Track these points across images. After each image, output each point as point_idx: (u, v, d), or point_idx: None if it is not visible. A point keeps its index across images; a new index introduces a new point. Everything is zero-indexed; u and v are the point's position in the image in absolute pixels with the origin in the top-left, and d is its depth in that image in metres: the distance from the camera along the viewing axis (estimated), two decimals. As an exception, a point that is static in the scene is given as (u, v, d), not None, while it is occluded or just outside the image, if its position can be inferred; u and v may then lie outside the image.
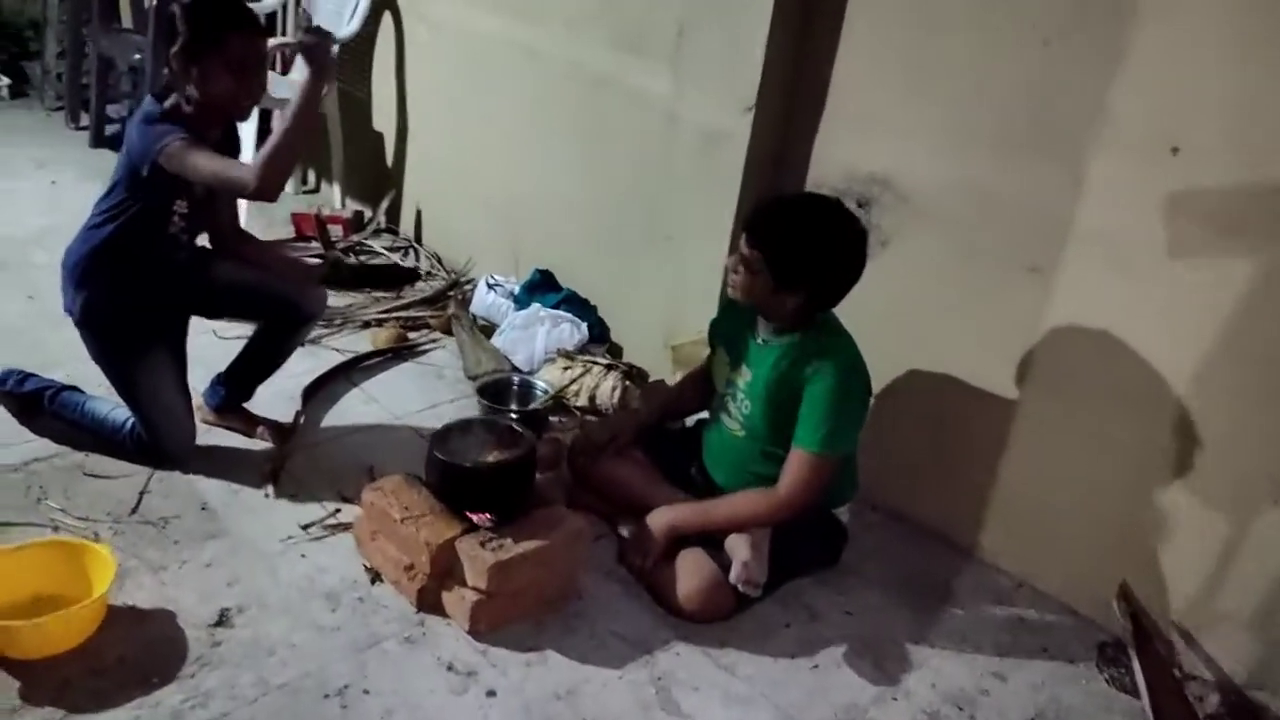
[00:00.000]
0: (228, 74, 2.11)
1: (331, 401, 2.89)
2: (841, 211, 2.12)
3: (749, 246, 2.11)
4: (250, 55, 2.14)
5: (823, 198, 2.17)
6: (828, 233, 2.08)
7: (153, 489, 2.39)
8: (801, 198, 2.20)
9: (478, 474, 2.10)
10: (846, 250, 2.09)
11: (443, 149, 3.88)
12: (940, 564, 2.52)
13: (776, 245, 2.07)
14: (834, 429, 2.12)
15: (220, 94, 2.13)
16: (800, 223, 2.08)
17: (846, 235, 2.09)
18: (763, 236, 2.08)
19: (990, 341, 2.43)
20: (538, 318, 3.17)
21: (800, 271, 2.08)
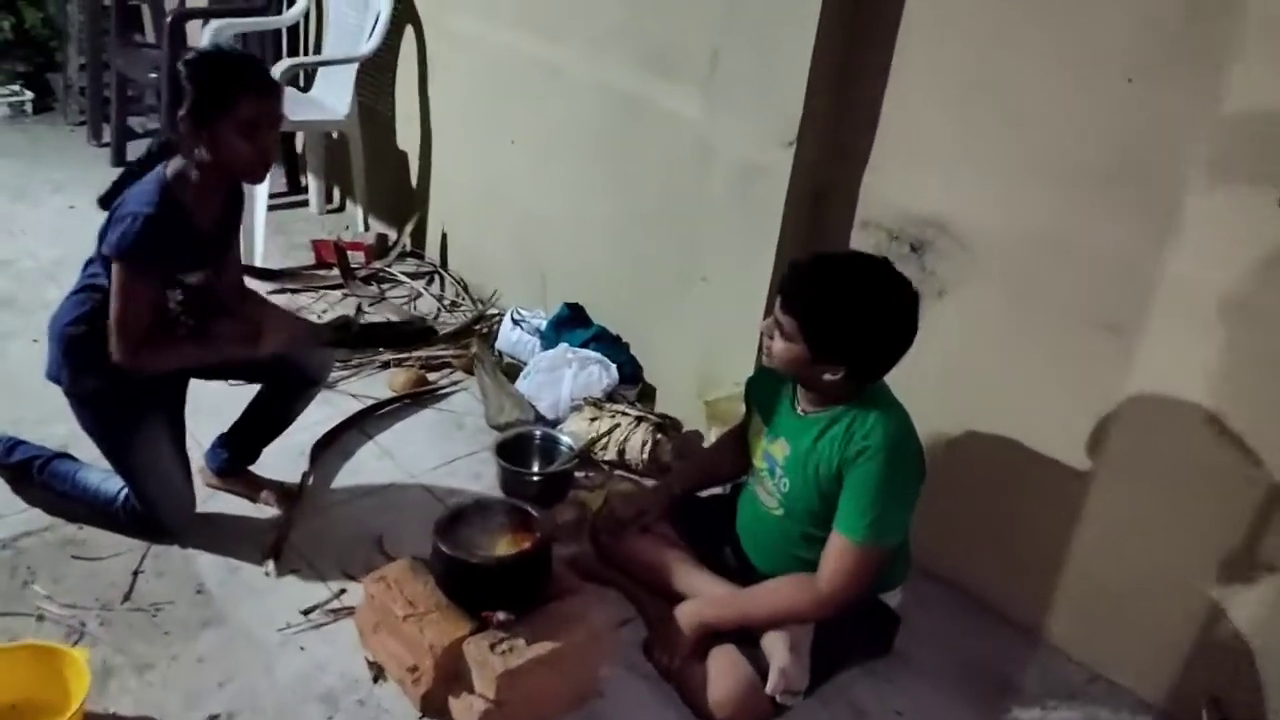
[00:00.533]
0: (240, 138, 1.94)
1: (343, 457, 2.71)
2: (889, 275, 1.87)
3: (784, 312, 1.87)
4: (264, 118, 1.96)
5: (868, 258, 1.92)
6: (873, 301, 1.83)
7: (146, 568, 2.23)
8: (844, 258, 1.95)
9: (486, 571, 1.90)
10: (894, 322, 1.85)
11: (468, 170, 3.68)
12: (1002, 650, 2.27)
13: (814, 314, 1.83)
14: (881, 516, 1.88)
15: (232, 159, 1.97)
16: (842, 289, 1.83)
17: (894, 304, 1.84)
18: (799, 303, 1.85)
19: (1059, 405, 2.18)
20: (564, 359, 2.96)
21: (840, 345, 1.85)
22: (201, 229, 2.07)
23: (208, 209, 2.07)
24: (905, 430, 1.93)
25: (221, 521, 2.40)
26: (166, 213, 1.95)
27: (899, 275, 1.87)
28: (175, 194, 1.98)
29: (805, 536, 2.03)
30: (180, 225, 2.00)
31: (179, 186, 1.99)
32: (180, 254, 2.03)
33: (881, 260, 1.90)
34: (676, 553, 2.18)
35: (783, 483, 2.04)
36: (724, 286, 2.66)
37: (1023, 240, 2.16)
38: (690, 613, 2.03)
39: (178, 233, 1.99)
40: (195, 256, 2.08)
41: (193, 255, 2.07)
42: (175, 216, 1.98)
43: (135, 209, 1.93)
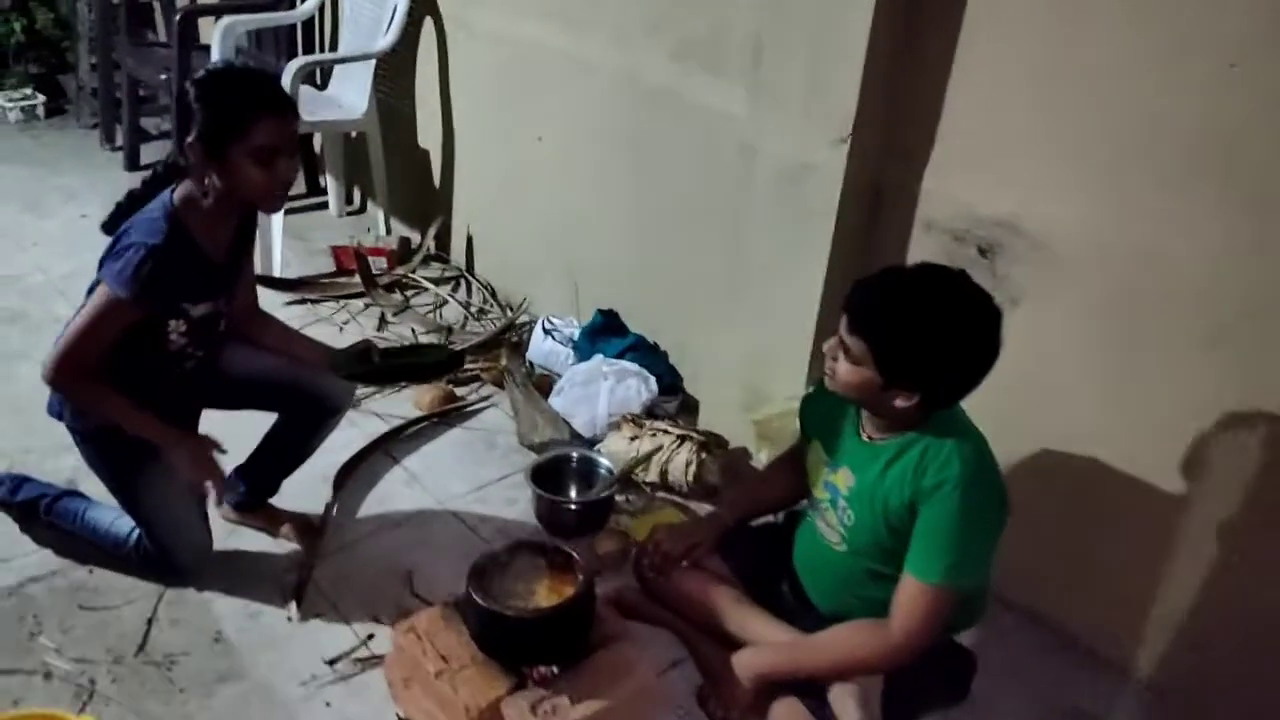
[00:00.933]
0: (256, 166, 1.77)
1: (369, 484, 2.55)
2: (969, 291, 1.67)
3: (850, 333, 1.68)
4: (282, 143, 1.79)
5: (944, 270, 1.72)
6: (951, 321, 1.63)
7: (161, 615, 2.08)
8: (917, 272, 1.75)
9: (525, 624, 1.73)
10: (975, 343, 1.65)
11: (493, 169, 3.50)
12: (1089, 691, 2.08)
13: (886, 337, 1.64)
14: (960, 557, 1.69)
15: (248, 188, 1.80)
16: (917, 309, 1.63)
17: (975, 324, 1.64)
18: (868, 325, 1.65)
19: (1149, 425, 1.98)
20: (600, 372, 2.78)
21: (916, 370, 1.65)
22: (212, 259, 1.90)
23: (218, 238, 1.91)
24: (985, 460, 1.74)
25: (240, 561, 2.24)
26: (173, 244, 1.78)
27: (979, 290, 1.67)
28: (183, 223, 1.82)
29: (872, 574, 1.85)
30: (187, 256, 1.84)
31: (187, 214, 1.82)
32: (187, 287, 1.87)
33: (958, 273, 1.69)
34: (730, 591, 2.00)
35: (846, 515, 1.85)
36: (771, 295, 2.46)
37: (1108, 243, 1.95)
38: (748, 663, 1.85)
39: (184, 265, 1.83)
40: (204, 289, 1.92)
41: (201, 287, 1.91)
42: (182, 247, 1.82)
43: (140, 239, 1.77)
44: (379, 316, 3.37)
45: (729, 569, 2.06)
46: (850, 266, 2.34)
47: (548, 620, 1.73)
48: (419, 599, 2.16)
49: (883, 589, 1.81)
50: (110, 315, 1.80)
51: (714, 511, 2.12)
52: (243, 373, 2.13)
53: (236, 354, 2.13)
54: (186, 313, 1.89)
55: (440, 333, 3.26)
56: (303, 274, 3.57)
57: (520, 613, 1.73)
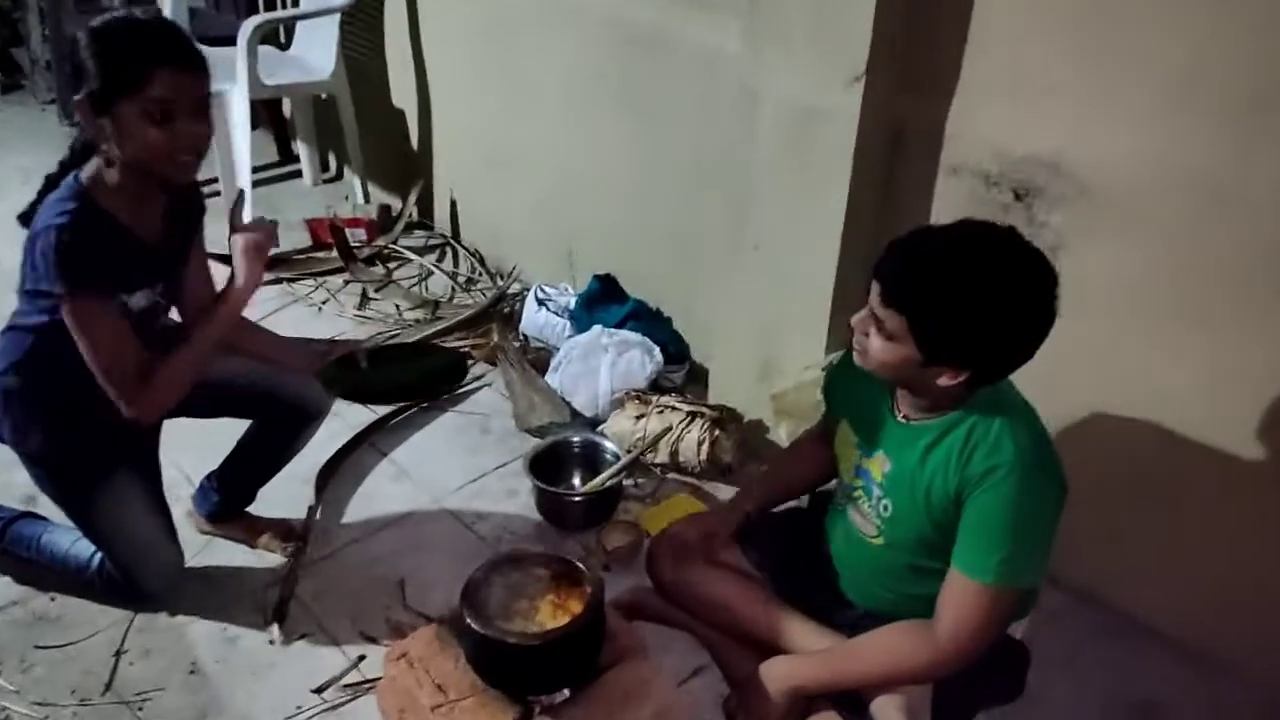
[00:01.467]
0: (149, 125, 1.52)
1: (354, 481, 2.35)
2: (1019, 251, 1.43)
3: (885, 305, 1.45)
4: (179, 98, 1.54)
5: (988, 228, 1.48)
6: (1002, 289, 1.40)
7: (130, 646, 1.89)
8: (958, 232, 1.51)
9: (528, 652, 1.53)
10: (1029, 311, 1.42)
11: (474, 127, 3.24)
12: (1158, 677, 1.89)
13: (927, 310, 1.41)
14: (1016, 552, 1.48)
15: (144, 153, 1.55)
16: (961, 277, 1.40)
17: (1029, 289, 1.41)
18: (906, 297, 1.43)
19: (1217, 384, 1.76)
20: (599, 345, 2.56)
21: (963, 346, 1.43)
22: (142, 239, 1.68)
23: (144, 216, 1.68)
24: (1041, 441, 1.52)
25: (216, 578, 2.05)
26: (85, 221, 1.56)
27: (1031, 249, 1.43)
28: (93, 200, 1.59)
29: (913, 569, 1.65)
30: (109, 234, 1.61)
31: (99, 191, 1.60)
32: (116, 269, 1.63)
33: (1006, 231, 1.46)
34: (756, 590, 1.80)
35: (883, 506, 1.64)
36: (782, 254, 2.23)
37: (1166, 181, 1.72)
38: (781, 674, 1.66)
39: (107, 243, 1.60)
40: (138, 274, 1.69)
41: (134, 272, 1.68)
42: (98, 225, 1.59)
43: (45, 223, 1.55)
44: (360, 293, 3.14)
45: (751, 563, 1.86)
46: (870, 219, 2.12)
47: (553, 645, 1.53)
48: (413, 611, 1.97)
49: (927, 584, 1.61)
50: (90, 319, 1.59)
51: (733, 499, 1.91)
52: (209, 378, 1.90)
53: None
54: (125, 307, 1.66)
55: (427, 307, 3.04)
56: (276, 251, 3.32)
57: (522, 639, 1.53)
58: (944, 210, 2.05)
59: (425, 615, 1.95)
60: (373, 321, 2.99)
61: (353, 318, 3.02)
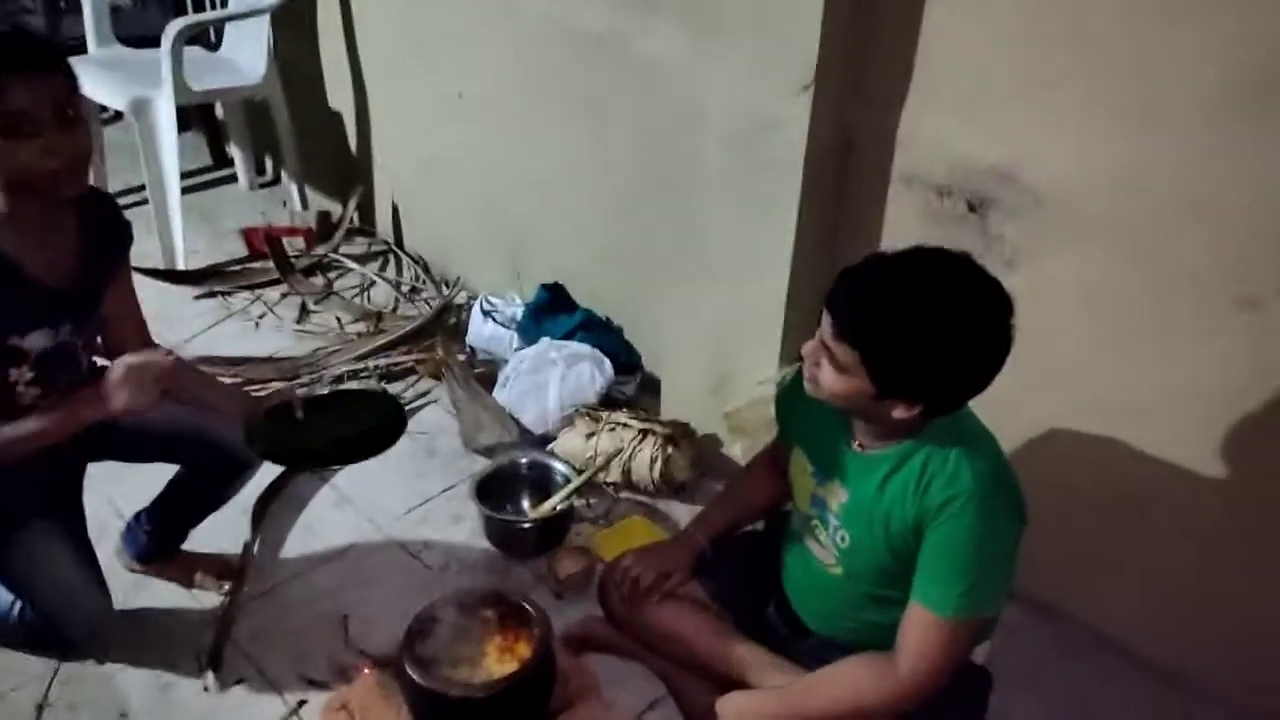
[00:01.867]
0: (13, 141, 1.40)
1: (294, 510, 2.26)
2: (976, 281, 1.37)
3: (836, 337, 1.39)
4: (43, 107, 1.41)
5: (943, 255, 1.42)
6: (959, 323, 1.34)
7: (55, 699, 1.79)
8: (913, 262, 1.45)
9: (471, 706, 1.46)
10: (985, 343, 1.37)
11: (414, 131, 3.14)
12: (1125, 697, 1.86)
13: (879, 346, 1.36)
14: (976, 583, 1.43)
15: (15, 173, 1.43)
16: (916, 311, 1.34)
17: (987, 323, 1.36)
18: (857, 331, 1.37)
19: (1177, 397, 1.73)
20: (548, 358, 2.48)
21: (917, 380, 1.38)
22: (38, 277, 1.56)
23: (45, 249, 1.56)
24: (999, 469, 1.47)
25: (147, 621, 1.95)
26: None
27: (985, 278, 1.38)
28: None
29: (873, 598, 1.60)
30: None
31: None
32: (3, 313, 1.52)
33: (960, 259, 1.40)
34: (712, 622, 1.75)
35: (840, 536, 1.59)
36: (734, 264, 2.17)
37: (1122, 191, 1.68)
38: (739, 710, 1.60)
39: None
40: (30, 314, 1.56)
41: (21, 313, 1.56)
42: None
43: None
44: (299, 306, 3.03)
45: (707, 593, 1.81)
46: (822, 230, 2.06)
47: (500, 696, 1.46)
48: (356, 651, 1.89)
49: (886, 612, 1.56)
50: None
51: (685, 533, 1.84)
52: (136, 422, 1.78)
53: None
54: (19, 350, 1.55)
55: (370, 319, 2.94)
56: (211, 261, 3.21)
57: (467, 690, 1.46)
58: (897, 221, 2.00)
59: (368, 655, 1.86)
60: (313, 336, 2.88)
61: (292, 332, 2.91)
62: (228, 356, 2.67)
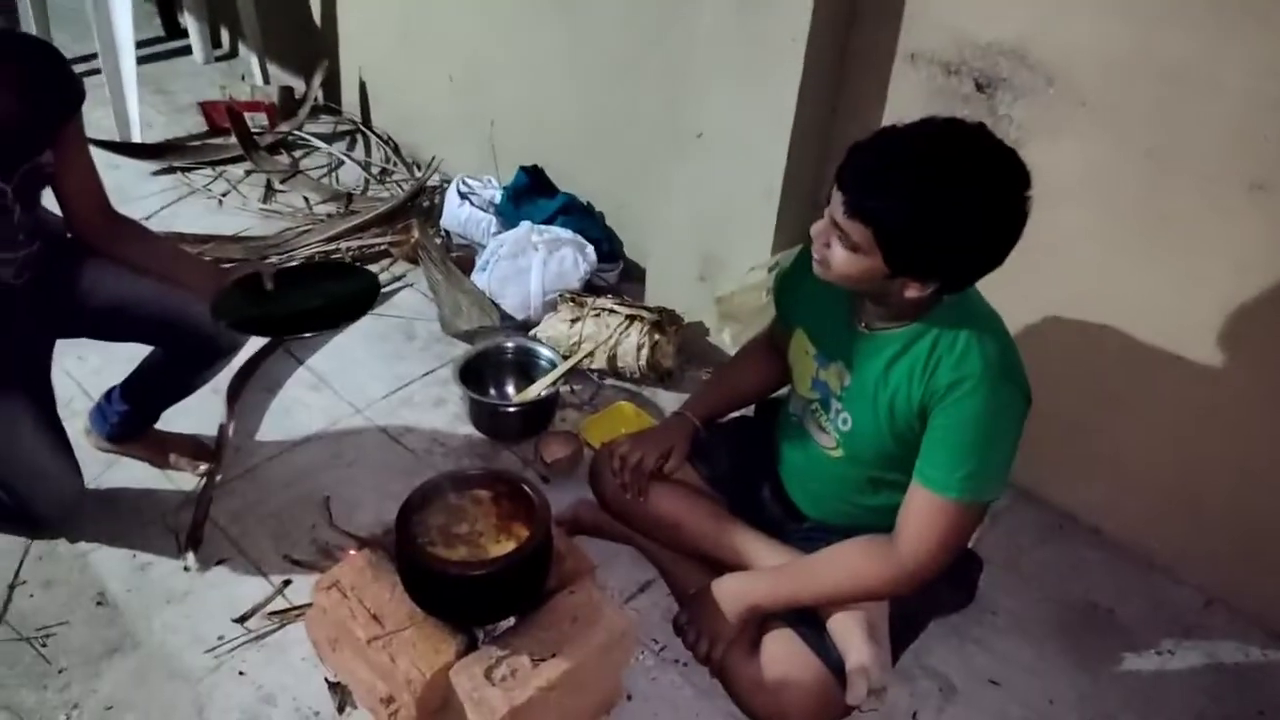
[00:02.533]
0: None
1: (269, 392, 2.19)
2: (989, 149, 1.32)
3: (848, 215, 1.33)
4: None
5: (957, 127, 1.36)
6: (976, 196, 1.29)
7: (27, 576, 1.74)
8: (925, 134, 1.38)
9: (471, 582, 1.43)
10: (999, 216, 1.32)
11: (385, 3, 2.97)
12: (1099, 577, 1.90)
13: (895, 221, 1.30)
14: (981, 466, 1.42)
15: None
16: (930, 184, 1.29)
17: (1003, 195, 1.31)
18: (871, 207, 1.31)
19: (1178, 285, 1.72)
20: (529, 242, 2.41)
21: (932, 256, 1.33)
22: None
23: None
24: (1008, 352, 1.44)
25: (121, 501, 1.90)
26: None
27: (1001, 148, 1.32)
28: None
29: (872, 481, 1.59)
30: None
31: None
32: None
33: (974, 128, 1.34)
34: (706, 505, 1.73)
35: (841, 419, 1.57)
36: (728, 143, 2.09)
37: (1134, 72, 1.63)
38: (735, 592, 1.59)
39: None
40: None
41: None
42: None
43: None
44: (264, 184, 2.90)
45: (701, 477, 1.79)
46: (823, 108, 1.99)
47: (500, 573, 1.43)
48: (340, 531, 1.85)
49: (884, 496, 1.57)
50: None
51: (678, 414, 1.80)
52: (108, 300, 1.69)
53: (102, 275, 1.69)
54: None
55: (339, 200, 2.83)
56: (169, 136, 3.06)
57: (466, 568, 1.43)
58: (899, 100, 1.93)
59: (354, 535, 1.83)
60: (280, 216, 2.77)
61: (258, 212, 2.79)
62: (191, 234, 2.55)
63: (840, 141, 2.04)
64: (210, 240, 2.55)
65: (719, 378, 1.92)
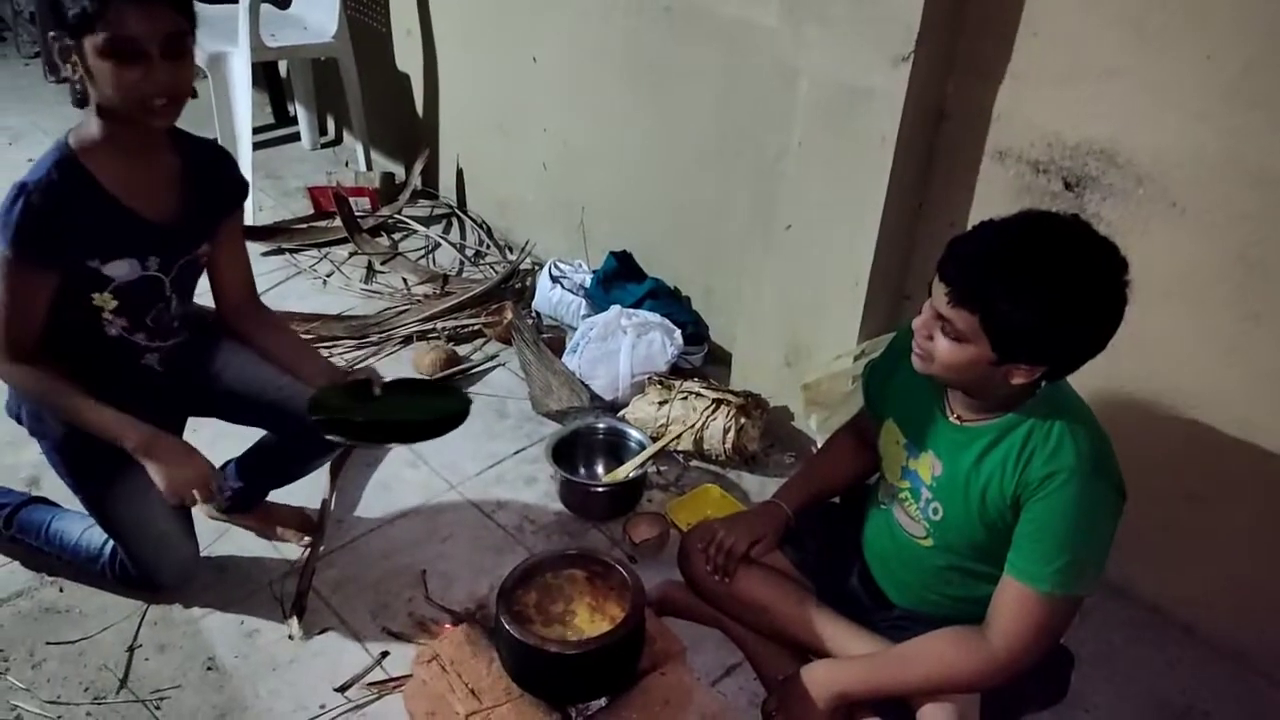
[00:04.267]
0: (115, 65, 1.40)
1: (369, 467, 2.28)
2: (1087, 236, 1.37)
3: (952, 304, 1.38)
4: (148, 35, 1.40)
5: (1052, 218, 1.41)
6: (1079, 280, 1.34)
7: (144, 640, 1.83)
8: (1024, 224, 1.44)
9: (568, 661, 1.47)
10: (1103, 299, 1.36)
11: (484, 93, 3.13)
12: (1196, 678, 1.86)
13: (1002, 307, 1.35)
14: (1074, 560, 1.43)
15: (111, 97, 1.43)
16: (1037, 269, 1.33)
17: (1101, 275, 1.35)
18: (977, 293, 1.36)
19: (1271, 384, 1.71)
20: (619, 325, 2.49)
21: (1037, 339, 1.37)
22: (130, 207, 1.56)
23: (139, 179, 1.57)
24: (1100, 445, 1.46)
25: (231, 569, 1.98)
26: (59, 181, 1.47)
27: (1100, 238, 1.37)
28: (76, 158, 1.49)
29: (962, 571, 1.60)
30: (84, 198, 1.51)
31: (84, 148, 1.50)
32: (85, 235, 1.53)
33: (1071, 219, 1.39)
34: (795, 590, 1.75)
35: (932, 509, 1.59)
36: (816, 236, 2.16)
37: (1223, 175, 1.66)
38: (825, 679, 1.61)
39: (80, 207, 1.50)
40: (114, 242, 1.57)
41: (110, 239, 1.56)
42: (75, 187, 1.49)
43: (23, 179, 1.47)
44: (366, 266, 3.05)
45: (790, 561, 1.81)
46: (910, 204, 2.05)
47: (595, 653, 1.48)
48: (436, 605, 1.91)
49: (974, 587, 1.57)
50: (13, 282, 1.51)
51: (770, 502, 1.84)
52: (234, 383, 1.80)
53: (233, 359, 1.81)
54: (99, 275, 1.56)
55: (436, 281, 2.95)
56: (278, 219, 3.24)
57: (563, 647, 1.48)
58: (988, 196, 1.98)
59: (448, 610, 1.89)
60: (380, 296, 2.90)
61: (359, 292, 2.93)
62: (300, 313, 2.69)
63: (927, 236, 2.10)
64: (316, 319, 2.68)
65: (809, 468, 1.95)
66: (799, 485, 1.87)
